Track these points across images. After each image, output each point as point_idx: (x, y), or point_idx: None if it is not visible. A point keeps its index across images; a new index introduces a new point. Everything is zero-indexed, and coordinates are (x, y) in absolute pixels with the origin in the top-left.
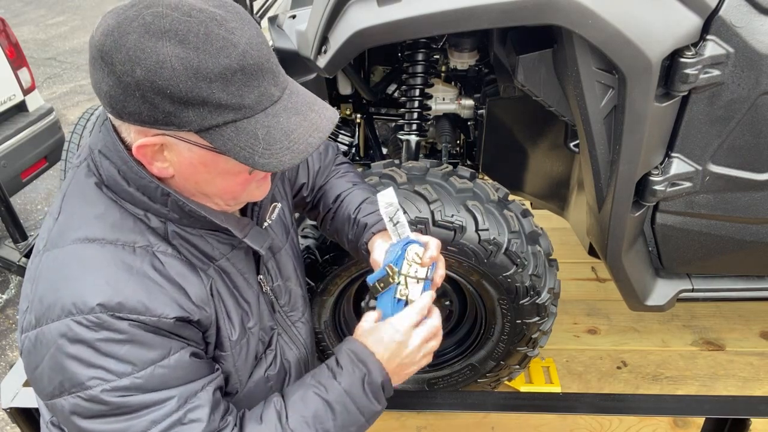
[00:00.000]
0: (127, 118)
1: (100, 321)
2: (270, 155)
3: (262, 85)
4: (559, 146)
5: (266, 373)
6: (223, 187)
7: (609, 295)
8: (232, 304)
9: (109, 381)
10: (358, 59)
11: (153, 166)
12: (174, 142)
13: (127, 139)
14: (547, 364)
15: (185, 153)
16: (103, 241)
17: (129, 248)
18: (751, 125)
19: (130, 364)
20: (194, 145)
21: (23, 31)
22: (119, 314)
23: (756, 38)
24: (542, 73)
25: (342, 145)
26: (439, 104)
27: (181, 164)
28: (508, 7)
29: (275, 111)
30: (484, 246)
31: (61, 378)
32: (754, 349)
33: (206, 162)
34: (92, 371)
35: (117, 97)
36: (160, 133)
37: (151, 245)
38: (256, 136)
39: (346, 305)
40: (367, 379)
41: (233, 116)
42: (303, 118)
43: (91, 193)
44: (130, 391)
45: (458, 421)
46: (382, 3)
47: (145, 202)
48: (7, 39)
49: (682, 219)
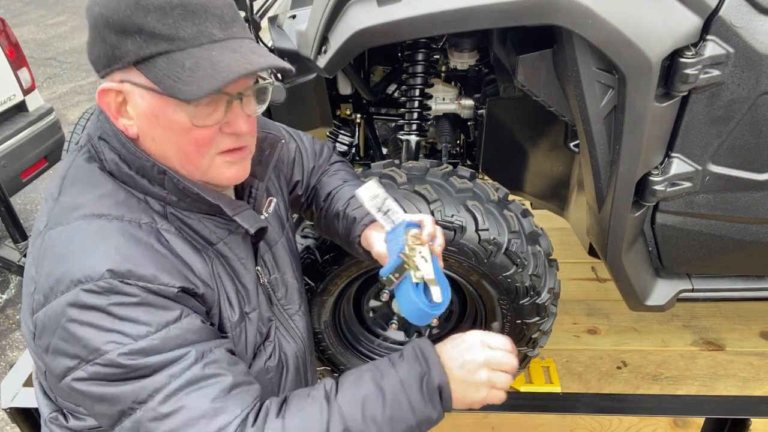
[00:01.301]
0: (97, 69)
1: (110, 286)
2: (191, 82)
3: (203, 24)
4: (559, 146)
5: (266, 364)
6: (177, 146)
7: (609, 295)
8: (231, 287)
9: (125, 344)
10: (358, 59)
11: (119, 122)
12: (129, 89)
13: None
14: (547, 364)
15: (139, 102)
16: (109, 216)
17: (135, 224)
18: (751, 125)
19: (145, 325)
20: (142, 88)
21: (23, 31)
22: (128, 280)
23: (756, 38)
24: (542, 73)
25: (342, 145)
26: (439, 104)
27: (139, 118)
28: (508, 7)
29: (211, 47)
30: (484, 246)
31: (76, 349)
32: (754, 349)
33: (156, 111)
34: (108, 335)
35: (90, 44)
36: (121, 78)
37: (155, 222)
38: (182, 65)
39: (346, 305)
40: (426, 378)
41: (166, 46)
42: (239, 55)
43: (95, 176)
44: (147, 353)
45: (458, 421)
46: (382, 3)
47: (145, 185)
48: (7, 39)
49: (682, 219)
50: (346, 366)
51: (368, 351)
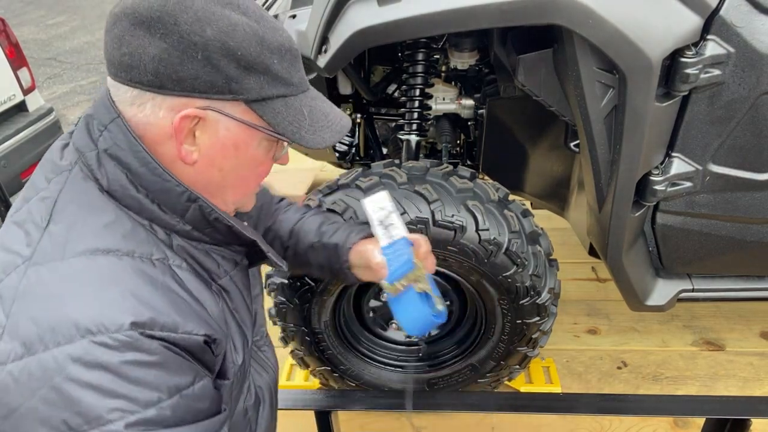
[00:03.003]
0: (173, 86)
1: (130, 340)
2: (314, 131)
3: (302, 70)
4: (559, 146)
5: (245, 405)
6: (244, 177)
7: (609, 295)
8: (235, 328)
9: (133, 413)
10: (358, 59)
11: (183, 146)
12: (215, 117)
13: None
14: (547, 364)
15: (221, 132)
16: (118, 253)
17: (147, 261)
18: (751, 125)
19: (156, 391)
20: (236, 120)
21: (23, 31)
22: (151, 332)
23: (756, 38)
24: (542, 73)
25: (342, 145)
26: (439, 104)
27: (211, 146)
28: (508, 7)
29: (312, 95)
30: (484, 246)
31: (67, 415)
32: (754, 349)
33: (239, 143)
34: (113, 402)
35: (169, 61)
36: (206, 105)
37: (167, 258)
38: (302, 112)
39: (346, 305)
40: None
41: (284, 90)
42: (330, 105)
43: (95, 200)
44: (155, 425)
45: (458, 421)
46: (382, 3)
47: (153, 211)
48: (7, 39)
49: (683, 219)
50: (345, 366)
51: (368, 351)
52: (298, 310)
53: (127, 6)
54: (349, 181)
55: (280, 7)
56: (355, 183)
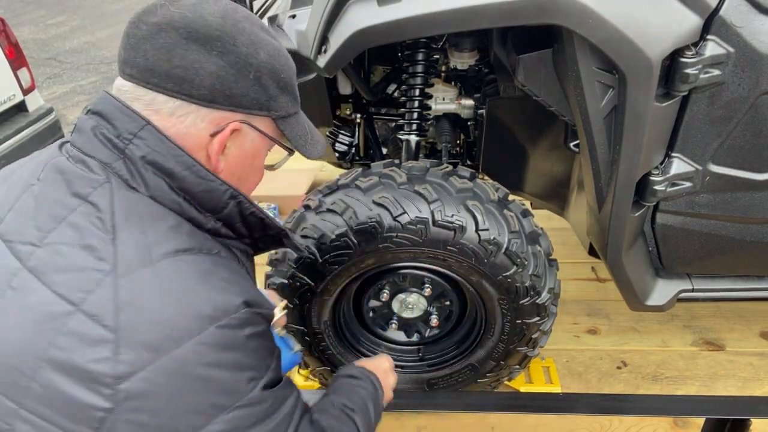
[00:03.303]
0: (223, 101)
1: (247, 316)
2: (312, 144)
3: (297, 92)
4: (559, 146)
5: None
6: (253, 182)
7: (609, 295)
8: None
9: (262, 377)
10: (358, 59)
11: (219, 155)
12: (247, 130)
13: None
14: (547, 364)
15: (248, 143)
16: (193, 250)
17: (215, 255)
18: (751, 125)
19: (268, 356)
20: (263, 134)
21: (23, 31)
22: (257, 309)
23: (756, 38)
24: (542, 73)
25: (342, 145)
26: (439, 104)
27: (238, 156)
28: (508, 7)
29: (302, 114)
30: (484, 246)
31: (214, 397)
32: (754, 349)
33: (257, 153)
34: (247, 373)
35: (225, 78)
36: (244, 119)
37: (219, 251)
38: (305, 128)
39: (346, 305)
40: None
41: (296, 109)
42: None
43: (150, 207)
44: (273, 384)
45: (458, 421)
46: (382, 3)
47: (190, 211)
48: (7, 39)
49: (683, 219)
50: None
51: (368, 351)
52: (297, 310)
53: (175, 19)
54: (349, 181)
55: (280, 7)
56: (355, 183)
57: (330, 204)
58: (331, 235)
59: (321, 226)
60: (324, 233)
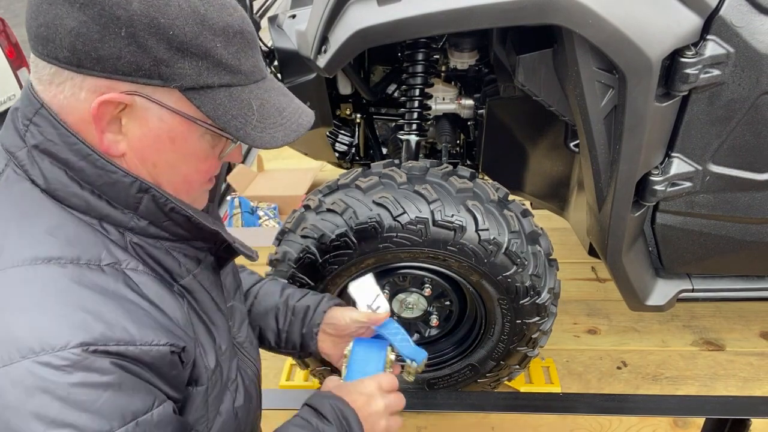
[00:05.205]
0: (92, 65)
1: (78, 359)
2: (263, 129)
3: (255, 56)
4: (559, 146)
5: (234, 406)
6: (184, 175)
7: (609, 295)
8: (202, 330)
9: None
10: (358, 59)
11: (105, 136)
12: (144, 105)
13: (72, 109)
14: (547, 364)
15: (153, 122)
16: (61, 260)
17: (96, 267)
18: (751, 125)
19: (106, 419)
20: (170, 110)
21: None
22: (103, 347)
23: (756, 38)
24: (542, 73)
25: (342, 145)
26: (439, 104)
27: (142, 138)
28: (508, 7)
29: (266, 86)
30: (484, 246)
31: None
32: (754, 349)
33: (176, 137)
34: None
35: (88, 36)
36: (132, 90)
37: (119, 262)
38: (250, 105)
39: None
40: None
41: (229, 79)
42: (290, 99)
43: (33, 204)
44: None
45: (458, 421)
46: (382, 3)
47: (102, 208)
48: (7, 39)
49: (683, 219)
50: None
51: None
52: None
53: None
54: (349, 181)
55: (280, 7)
56: (355, 183)
57: (330, 204)
58: (331, 235)
59: (321, 226)
60: (324, 233)
